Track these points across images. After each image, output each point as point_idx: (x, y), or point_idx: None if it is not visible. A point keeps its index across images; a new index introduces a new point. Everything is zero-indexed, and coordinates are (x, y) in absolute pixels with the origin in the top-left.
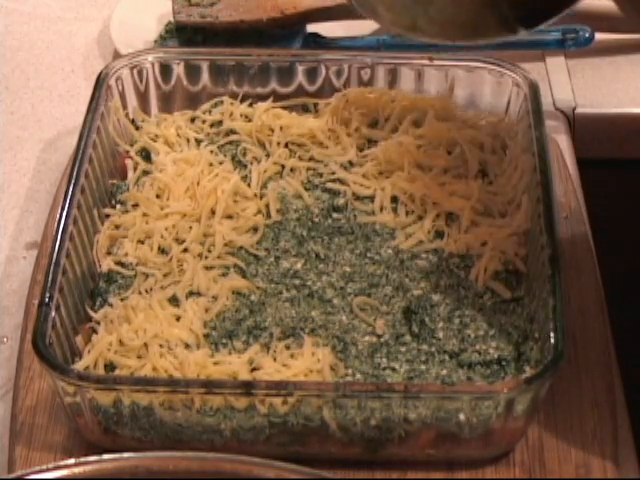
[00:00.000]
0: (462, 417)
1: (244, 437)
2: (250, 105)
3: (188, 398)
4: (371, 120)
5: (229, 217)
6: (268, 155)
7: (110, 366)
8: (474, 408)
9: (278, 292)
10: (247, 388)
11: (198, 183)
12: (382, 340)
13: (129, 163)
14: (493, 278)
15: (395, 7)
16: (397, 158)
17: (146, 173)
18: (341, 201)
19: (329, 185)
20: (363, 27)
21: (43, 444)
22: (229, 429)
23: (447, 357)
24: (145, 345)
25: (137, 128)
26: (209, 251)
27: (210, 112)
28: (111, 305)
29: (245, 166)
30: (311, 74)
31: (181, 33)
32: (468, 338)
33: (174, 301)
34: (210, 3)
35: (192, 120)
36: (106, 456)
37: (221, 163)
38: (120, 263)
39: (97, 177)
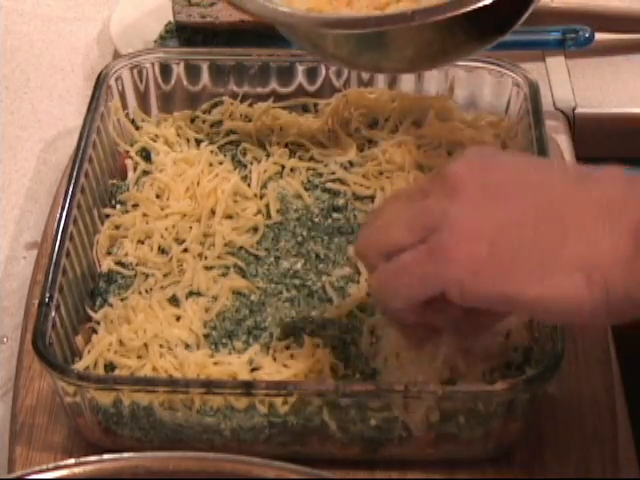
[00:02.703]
0: (462, 417)
1: (244, 437)
2: (250, 105)
3: (188, 398)
4: (371, 120)
5: (229, 217)
6: (268, 155)
7: (110, 366)
8: (474, 408)
9: (278, 292)
10: (247, 388)
11: (198, 183)
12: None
13: (129, 163)
14: None
15: (353, 52)
16: (397, 158)
17: (146, 173)
18: (341, 201)
19: (329, 185)
20: None
21: (43, 444)
22: (229, 429)
23: None
24: (145, 345)
25: (137, 128)
26: (209, 251)
27: (210, 112)
28: (111, 305)
29: (245, 166)
30: (311, 74)
31: (181, 33)
32: None
33: (174, 301)
34: (210, 3)
35: (192, 120)
36: (106, 456)
37: (221, 163)
38: (120, 263)
39: (97, 177)
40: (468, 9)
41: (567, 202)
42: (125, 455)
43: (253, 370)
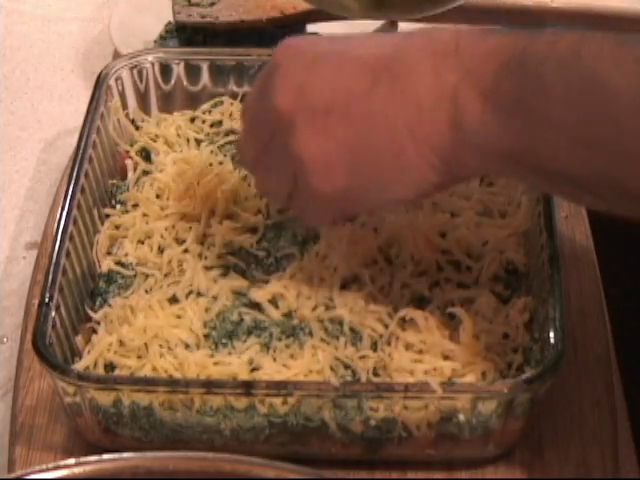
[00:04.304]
0: (462, 417)
1: (244, 437)
2: None
3: (188, 398)
4: None
5: (229, 217)
6: None
7: (110, 366)
8: (474, 408)
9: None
10: (247, 388)
11: (198, 183)
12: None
13: (129, 163)
14: (493, 278)
15: None
16: None
17: (146, 173)
18: None
19: None
20: (363, 27)
21: (43, 444)
22: (229, 429)
23: None
24: (145, 345)
25: (137, 128)
26: (209, 251)
27: (210, 112)
28: (111, 305)
29: None
30: None
31: (181, 33)
32: None
33: (174, 301)
34: (210, 3)
35: (192, 120)
36: (106, 456)
37: (221, 163)
38: (120, 263)
39: (97, 177)
40: None
41: (391, 108)
42: (125, 455)
43: (253, 370)
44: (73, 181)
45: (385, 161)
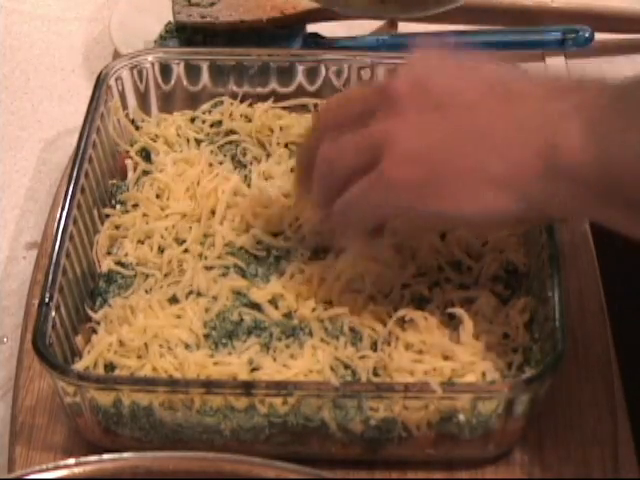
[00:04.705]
0: (462, 417)
1: (244, 437)
2: (250, 105)
3: (188, 398)
4: None
5: (229, 217)
6: (268, 155)
7: (110, 366)
8: (474, 408)
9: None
10: (247, 388)
11: (198, 183)
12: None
13: (129, 163)
14: (493, 278)
15: None
16: None
17: (146, 173)
18: None
19: None
20: (363, 27)
21: (43, 444)
22: (229, 429)
23: None
24: (145, 345)
25: (137, 128)
26: (209, 251)
27: (210, 112)
28: (111, 305)
29: (245, 166)
30: (311, 74)
31: (181, 33)
32: None
33: (174, 301)
34: (210, 3)
35: (192, 120)
36: (106, 456)
37: (221, 163)
38: (120, 263)
39: (97, 177)
40: None
41: (494, 121)
42: (125, 455)
43: (253, 370)
44: (73, 181)
45: (462, 172)
